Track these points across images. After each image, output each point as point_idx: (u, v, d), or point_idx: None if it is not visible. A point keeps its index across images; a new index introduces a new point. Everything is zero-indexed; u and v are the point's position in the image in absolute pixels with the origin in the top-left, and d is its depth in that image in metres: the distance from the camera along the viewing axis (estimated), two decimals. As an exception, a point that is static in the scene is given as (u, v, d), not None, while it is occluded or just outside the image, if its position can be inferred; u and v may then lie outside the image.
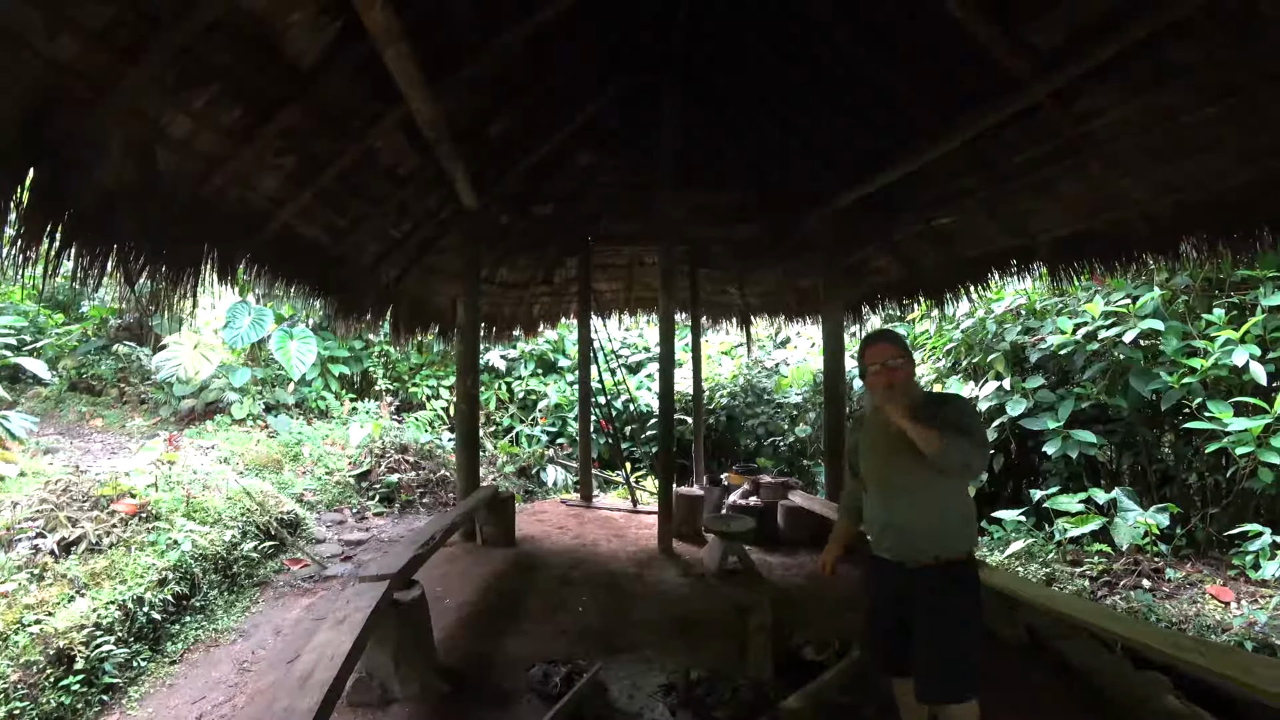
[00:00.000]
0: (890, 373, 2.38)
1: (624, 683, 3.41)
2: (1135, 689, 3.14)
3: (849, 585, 5.08)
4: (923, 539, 2.35)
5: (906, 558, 2.37)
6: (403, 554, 3.59)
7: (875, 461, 2.52)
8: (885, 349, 2.43)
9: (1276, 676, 2.58)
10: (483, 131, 5.02)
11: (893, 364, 2.39)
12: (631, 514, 7.24)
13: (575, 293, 7.90)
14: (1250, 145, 3.39)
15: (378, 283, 5.64)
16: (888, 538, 2.44)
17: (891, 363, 2.39)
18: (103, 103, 2.57)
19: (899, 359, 2.39)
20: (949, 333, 7.30)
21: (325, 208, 4.41)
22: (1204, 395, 5.13)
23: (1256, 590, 4.85)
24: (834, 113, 5.35)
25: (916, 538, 2.35)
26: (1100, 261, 4.52)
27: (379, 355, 10.44)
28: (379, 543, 5.99)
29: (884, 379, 2.39)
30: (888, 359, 2.40)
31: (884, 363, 2.40)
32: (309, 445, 7.76)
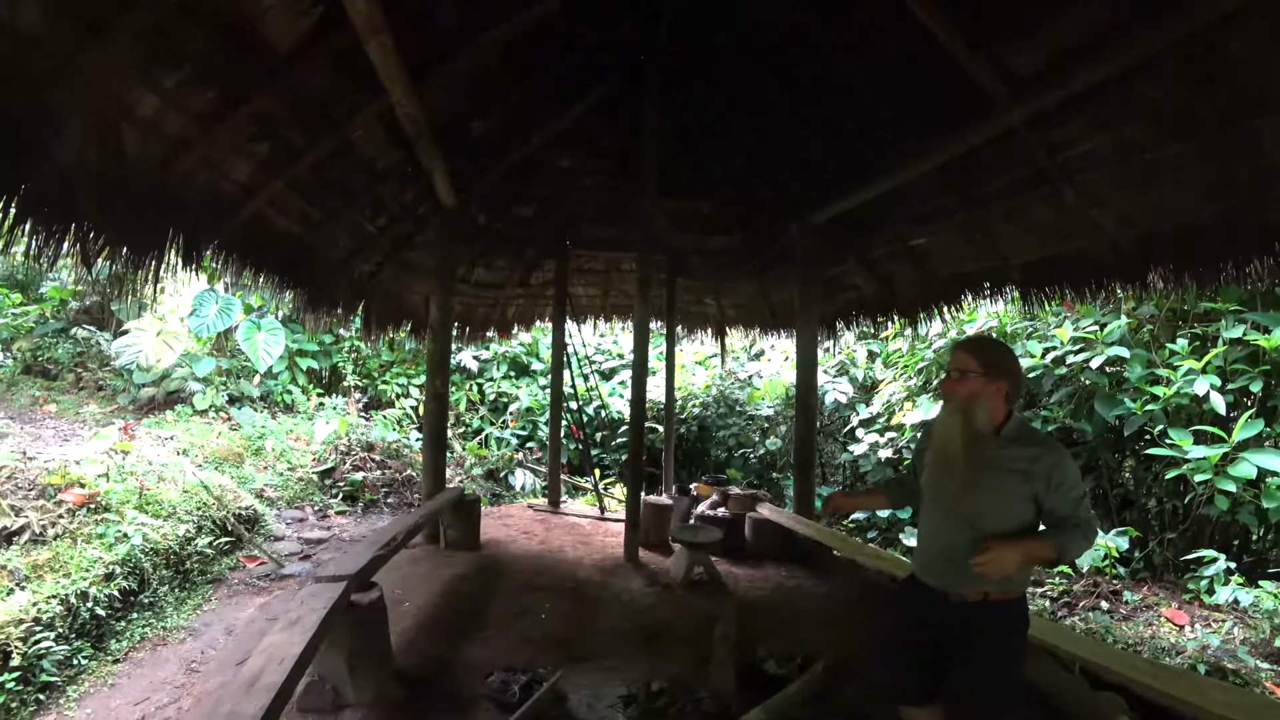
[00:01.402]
0: (951, 383, 2.16)
1: (584, 692, 3.35)
2: (1092, 709, 3.17)
3: (815, 599, 5.10)
4: (974, 575, 2.05)
5: (952, 589, 2.13)
6: (362, 555, 3.49)
7: (938, 480, 2.22)
8: (960, 357, 2.16)
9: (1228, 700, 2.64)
10: (463, 130, 4.97)
11: (955, 375, 2.15)
12: (599, 521, 7.18)
13: (551, 296, 7.84)
14: (1212, 181, 3.47)
15: (350, 277, 5.54)
16: (937, 565, 2.19)
17: (954, 373, 2.15)
18: (65, 76, 2.47)
19: (968, 372, 2.11)
20: (921, 352, 7.39)
21: (298, 198, 4.32)
22: (1165, 422, 5.24)
23: (1210, 614, 4.95)
24: (814, 128, 5.40)
25: (968, 573, 2.06)
26: (1071, 287, 4.58)
27: (349, 351, 10.26)
28: (340, 542, 5.86)
29: (946, 387, 2.18)
30: (957, 367, 2.15)
31: (952, 373, 2.17)
32: (272, 439, 7.58)
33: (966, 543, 2.07)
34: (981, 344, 2.22)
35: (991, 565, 2.00)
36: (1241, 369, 5.10)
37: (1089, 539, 2.04)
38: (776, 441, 9.07)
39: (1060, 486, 2.02)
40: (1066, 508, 2.03)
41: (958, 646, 2.10)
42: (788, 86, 5.21)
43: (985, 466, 2.07)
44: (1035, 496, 2.04)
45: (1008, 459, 2.05)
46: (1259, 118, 3.11)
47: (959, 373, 2.13)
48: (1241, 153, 3.27)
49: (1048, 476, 2.01)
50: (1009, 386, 2.11)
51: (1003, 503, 2.06)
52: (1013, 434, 2.11)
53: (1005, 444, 2.09)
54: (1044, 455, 2.04)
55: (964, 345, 2.20)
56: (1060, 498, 2.02)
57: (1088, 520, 2.04)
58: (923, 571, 2.26)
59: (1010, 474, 2.05)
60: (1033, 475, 2.02)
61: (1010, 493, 2.05)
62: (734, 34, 5.09)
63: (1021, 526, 2.07)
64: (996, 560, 1.99)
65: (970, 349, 2.16)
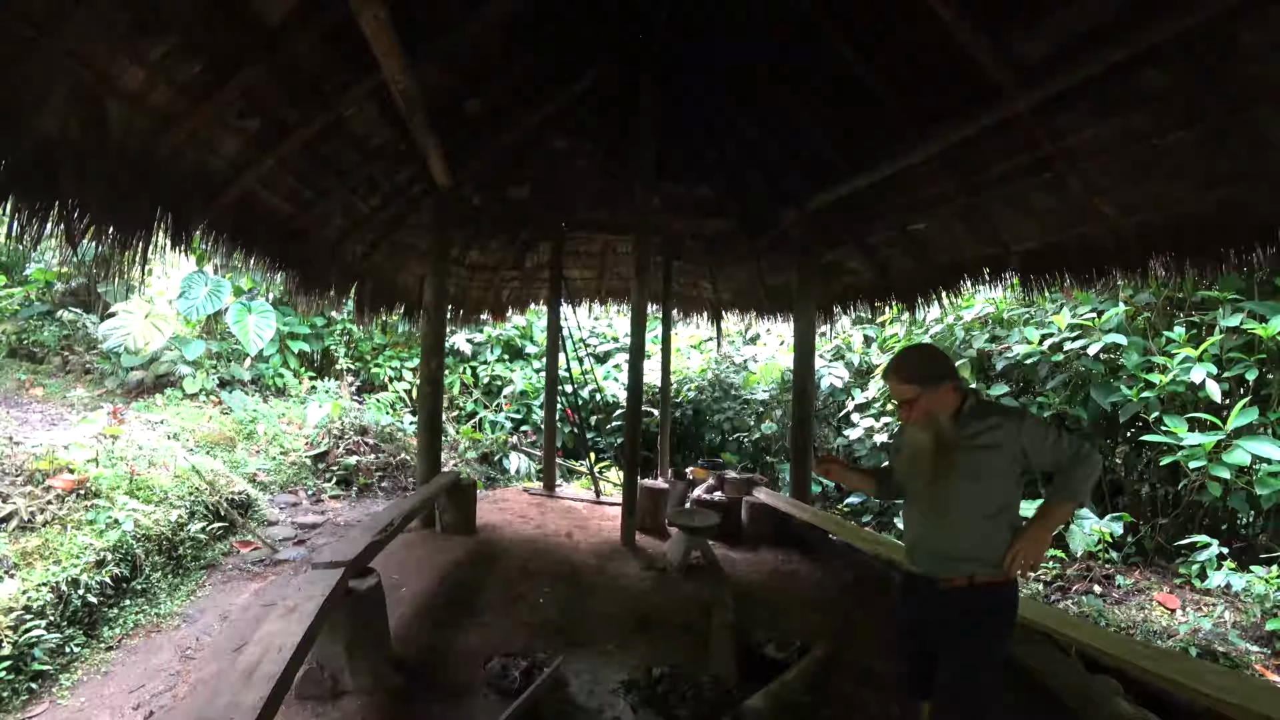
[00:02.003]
0: (906, 411, 2.22)
1: (584, 678, 3.34)
2: (1088, 692, 3.19)
3: (811, 584, 5.11)
4: (960, 558, 2.14)
5: (939, 575, 2.19)
6: (359, 540, 3.45)
7: (913, 473, 2.28)
8: (897, 388, 2.23)
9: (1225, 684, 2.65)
10: (458, 108, 4.87)
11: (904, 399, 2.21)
12: (594, 505, 7.17)
13: (546, 279, 7.77)
14: (1215, 171, 3.46)
15: (342, 258, 5.44)
16: (922, 553, 2.27)
17: (901, 399, 2.22)
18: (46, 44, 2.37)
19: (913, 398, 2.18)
20: (918, 338, 7.37)
21: (289, 176, 4.21)
22: (1160, 410, 5.26)
23: (1200, 599, 5.01)
24: (814, 113, 5.33)
25: (952, 556, 2.15)
26: (1071, 275, 4.56)
27: (341, 333, 10.15)
28: (334, 526, 5.82)
29: (905, 416, 2.24)
30: (900, 399, 2.23)
31: (899, 402, 2.25)
32: (264, 423, 7.50)
33: (946, 524, 2.16)
34: (906, 366, 2.24)
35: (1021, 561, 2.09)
36: (1238, 357, 5.11)
37: (1091, 466, 2.08)
38: (772, 425, 9.07)
39: (1036, 444, 2.08)
40: (1054, 456, 2.09)
41: (946, 633, 2.16)
42: (787, 70, 5.13)
43: (953, 451, 2.13)
44: (1015, 461, 2.11)
45: (971, 437, 2.12)
46: (1266, 108, 3.09)
47: (906, 402, 2.19)
48: (1247, 142, 3.26)
49: (1018, 441, 2.08)
50: (952, 383, 2.18)
51: (977, 480, 2.11)
52: (969, 413, 2.17)
53: (965, 425, 2.15)
54: (1004, 423, 2.11)
55: (893, 375, 2.24)
56: (1044, 453, 2.09)
57: (1078, 451, 2.08)
58: (910, 560, 2.33)
59: (979, 450, 2.11)
60: (1002, 446, 2.08)
61: (983, 468, 2.11)
62: (733, 16, 4.99)
63: (998, 502, 2.12)
64: (1025, 555, 2.09)
65: (901, 376, 2.21)
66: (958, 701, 2.11)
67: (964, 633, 2.12)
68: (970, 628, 2.12)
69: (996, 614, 2.15)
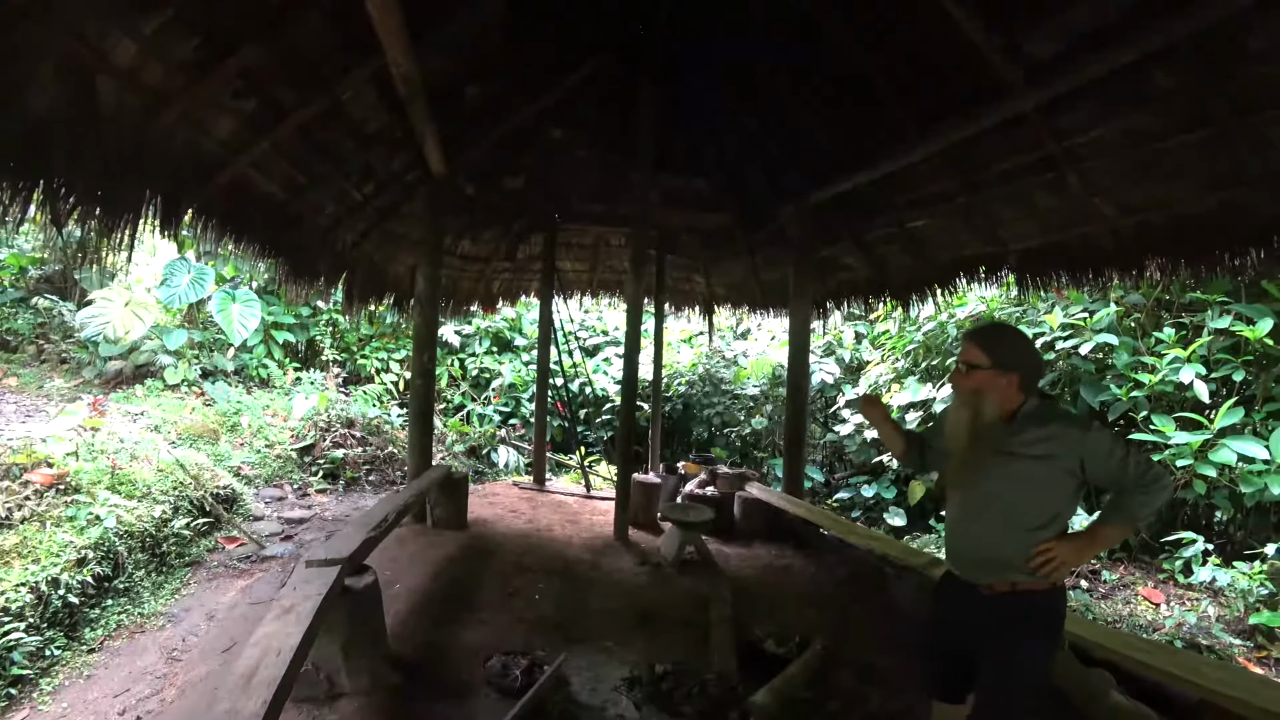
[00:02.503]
0: (960, 376, 2.09)
1: (585, 675, 3.31)
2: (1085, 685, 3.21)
3: (805, 579, 5.11)
4: (1001, 563, 2.01)
5: (979, 580, 2.06)
6: (354, 536, 3.37)
7: (954, 470, 2.14)
8: (968, 349, 2.07)
9: (1223, 677, 2.69)
10: (457, 95, 4.77)
11: (962, 368, 2.08)
12: (585, 499, 7.12)
13: (538, 270, 7.68)
14: (1217, 173, 3.49)
15: (334, 246, 5.32)
16: (963, 555, 2.13)
17: (962, 366, 2.08)
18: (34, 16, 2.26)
19: (976, 365, 2.04)
20: (910, 334, 7.41)
21: (284, 161, 4.09)
22: (1149, 409, 5.33)
23: (1184, 594, 5.09)
24: (815, 109, 5.29)
25: (995, 563, 2.02)
26: (1067, 274, 4.58)
27: (327, 324, 9.98)
28: (322, 521, 5.71)
29: (956, 380, 2.11)
30: (965, 360, 2.07)
31: (961, 366, 2.09)
32: (248, 415, 7.35)
33: (989, 525, 2.04)
34: (991, 335, 2.09)
35: (1052, 567, 1.95)
36: (1225, 358, 5.20)
37: (1155, 494, 1.93)
38: (762, 420, 9.07)
39: (1097, 459, 1.92)
40: (1116, 474, 1.93)
41: (986, 640, 2.03)
42: (788, 66, 5.09)
43: (1000, 455, 1.99)
44: (1072, 475, 1.95)
45: (1023, 444, 1.97)
46: (1270, 111, 3.11)
47: (966, 366, 2.05)
48: (1250, 145, 3.28)
49: (1077, 454, 1.92)
50: (1020, 378, 2.01)
51: (1024, 490, 1.98)
52: (1028, 417, 2.01)
53: (1020, 429, 2.00)
54: (1065, 432, 1.94)
55: (973, 337, 2.09)
56: (1104, 468, 1.93)
57: (1145, 475, 1.92)
58: (952, 561, 2.21)
59: (1030, 460, 1.96)
60: (1058, 456, 1.93)
61: (1032, 479, 1.97)
62: (735, 11, 4.94)
63: (1048, 514, 1.98)
64: (1059, 561, 1.95)
65: (979, 341, 2.05)
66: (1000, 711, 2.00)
67: (1005, 641, 2.00)
68: (1012, 636, 1.99)
69: (1040, 621, 2.02)
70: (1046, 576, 1.97)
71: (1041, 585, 2.00)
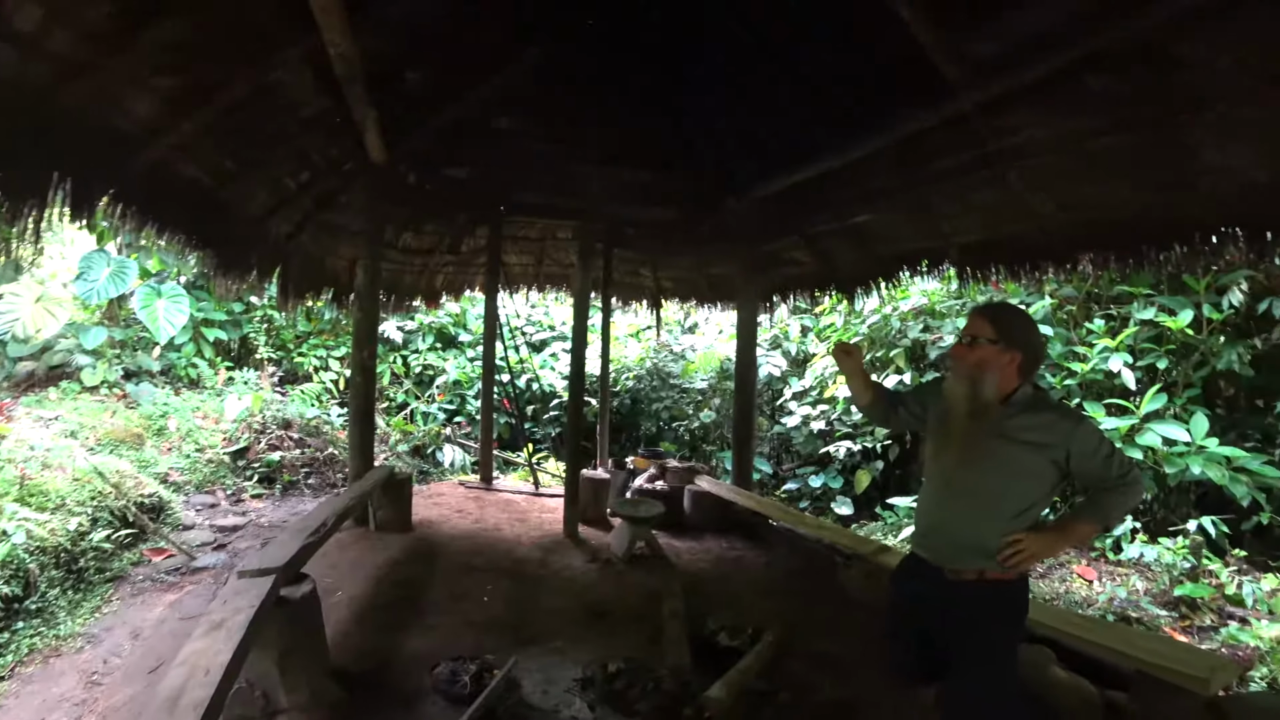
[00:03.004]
0: (962, 349, 2.05)
1: (536, 677, 3.23)
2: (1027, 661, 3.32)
3: (757, 570, 5.15)
4: (975, 551, 2.00)
5: (947, 564, 2.05)
6: (290, 543, 3.21)
7: (939, 448, 2.12)
8: (976, 322, 2.04)
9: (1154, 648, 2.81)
10: (398, 79, 4.59)
11: (967, 340, 2.04)
12: (534, 497, 7.01)
13: (482, 264, 7.48)
14: (1144, 176, 3.65)
15: (267, 237, 5.07)
16: (934, 540, 2.12)
17: (966, 338, 2.04)
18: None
19: (980, 338, 2.00)
20: (855, 327, 7.54)
21: (210, 144, 3.85)
22: (1081, 396, 5.56)
23: (1115, 570, 5.34)
24: (762, 102, 5.31)
25: (968, 548, 2.01)
26: (1005, 268, 4.72)
27: (261, 320, 9.53)
28: (257, 528, 5.46)
29: (958, 352, 2.07)
30: (971, 332, 2.03)
31: (965, 338, 2.05)
32: (176, 418, 6.95)
33: (966, 512, 2.02)
34: (1000, 311, 2.09)
35: (1020, 557, 1.95)
36: (1149, 347, 5.46)
37: (1131, 495, 1.98)
38: (710, 414, 9.11)
39: (1084, 453, 1.93)
40: (1098, 471, 1.95)
41: (953, 629, 2.03)
42: (738, 59, 5.08)
43: (991, 437, 1.98)
44: (1057, 466, 1.95)
45: (1016, 429, 1.96)
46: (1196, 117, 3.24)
47: (971, 338, 2.03)
48: (1175, 150, 3.42)
49: (1066, 445, 1.92)
50: (1023, 359, 2.01)
51: (1009, 476, 1.98)
52: (1023, 402, 2.01)
53: (1014, 413, 1.99)
54: (1058, 423, 1.95)
55: (982, 310, 2.08)
56: (1088, 464, 1.94)
57: (1125, 476, 1.95)
58: (920, 543, 2.18)
59: (1021, 445, 1.95)
60: (1046, 446, 1.93)
61: (1019, 465, 1.96)
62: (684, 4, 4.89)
63: (1027, 501, 1.99)
64: (1028, 554, 1.96)
65: (988, 315, 2.04)
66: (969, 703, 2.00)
67: (974, 630, 2.00)
68: (978, 625, 1.99)
69: (1006, 611, 2.03)
70: (1014, 567, 1.98)
71: (1008, 575, 2.00)
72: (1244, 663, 4.05)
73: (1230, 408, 5.84)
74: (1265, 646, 4.07)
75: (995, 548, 1.97)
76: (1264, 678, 3.89)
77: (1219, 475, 4.83)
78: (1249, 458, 4.89)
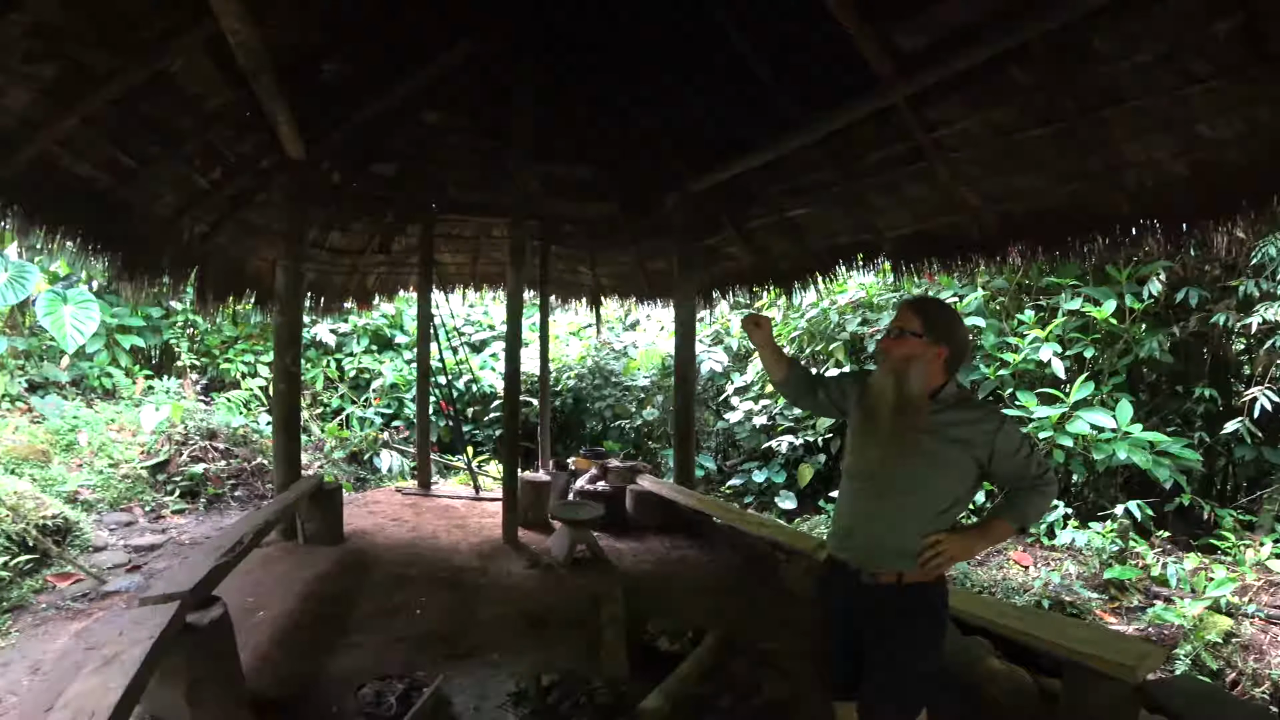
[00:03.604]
0: (890, 341, 2.00)
1: (469, 693, 3.10)
2: (963, 653, 3.35)
3: (700, 570, 5.11)
4: (896, 551, 1.93)
5: (866, 566, 1.98)
6: (200, 565, 3.00)
7: (863, 442, 2.06)
8: (904, 314, 2.00)
9: (1085, 636, 2.87)
10: (314, 71, 4.36)
11: (895, 332, 1.99)
12: (474, 502, 6.83)
13: (415, 264, 7.26)
14: (1067, 167, 3.74)
15: (179, 239, 4.77)
16: (853, 540, 2.03)
17: (894, 330, 2.00)
18: None
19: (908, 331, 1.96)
20: (795, 321, 7.59)
21: (102, 139, 3.58)
22: (1014, 385, 5.70)
23: (1049, 555, 5.50)
24: (696, 94, 5.26)
25: (888, 548, 1.94)
26: (938, 260, 4.79)
27: (184, 326, 9.06)
28: (177, 546, 5.15)
29: (885, 345, 2.02)
30: (899, 325, 1.99)
31: (893, 331, 2.00)
32: (88, 432, 6.52)
33: (886, 511, 1.96)
34: (928, 305, 2.07)
35: (940, 560, 1.91)
36: (1077, 337, 5.63)
37: (1048, 495, 1.98)
38: (653, 411, 9.07)
39: (1007, 452, 1.90)
40: (1018, 470, 1.94)
41: (871, 633, 1.97)
42: (673, 50, 5.02)
43: (917, 433, 1.93)
44: (979, 464, 1.92)
45: (942, 425, 1.92)
46: (1111, 110, 3.34)
47: (899, 330, 1.98)
48: (1094, 142, 3.52)
49: (990, 443, 1.89)
50: (949, 353, 1.97)
51: (934, 473, 1.93)
52: (949, 399, 1.98)
53: (940, 409, 1.95)
54: (983, 421, 1.93)
55: (910, 304, 2.05)
56: (1009, 464, 1.92)
57: (1043, 477, 1.95)
58: (838, 545, 2.10)
59: (947, 442, 1.91)
60: (972, 443, 1.90)
61: (944, 461, 1.92)
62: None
63: (951, 498, 1.95)
64: (947, 555, 1.91)
65: (916, 308, 2.01)
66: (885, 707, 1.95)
67: (892, 635, 1.93)
68: (896, 631, 1.93)
69: (926, 615, 1.96)
70: (934, 570, 1.93)
71: (926, 578, 1.95)
72: (1169, 642, 4.21)
73: (1152, 393, 6.09)
74: (1188, 625, 4.23)
75: (915, 549, 1.92)
76: (1188, 655, 4.04)
77: (1144, 460, 5.01)
78: (1170, 441, 5.08)
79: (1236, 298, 5.32)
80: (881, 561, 1.95)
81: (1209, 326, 5.46)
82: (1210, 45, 2.88)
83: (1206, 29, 2.84)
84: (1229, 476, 6.14)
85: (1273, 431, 5.42)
